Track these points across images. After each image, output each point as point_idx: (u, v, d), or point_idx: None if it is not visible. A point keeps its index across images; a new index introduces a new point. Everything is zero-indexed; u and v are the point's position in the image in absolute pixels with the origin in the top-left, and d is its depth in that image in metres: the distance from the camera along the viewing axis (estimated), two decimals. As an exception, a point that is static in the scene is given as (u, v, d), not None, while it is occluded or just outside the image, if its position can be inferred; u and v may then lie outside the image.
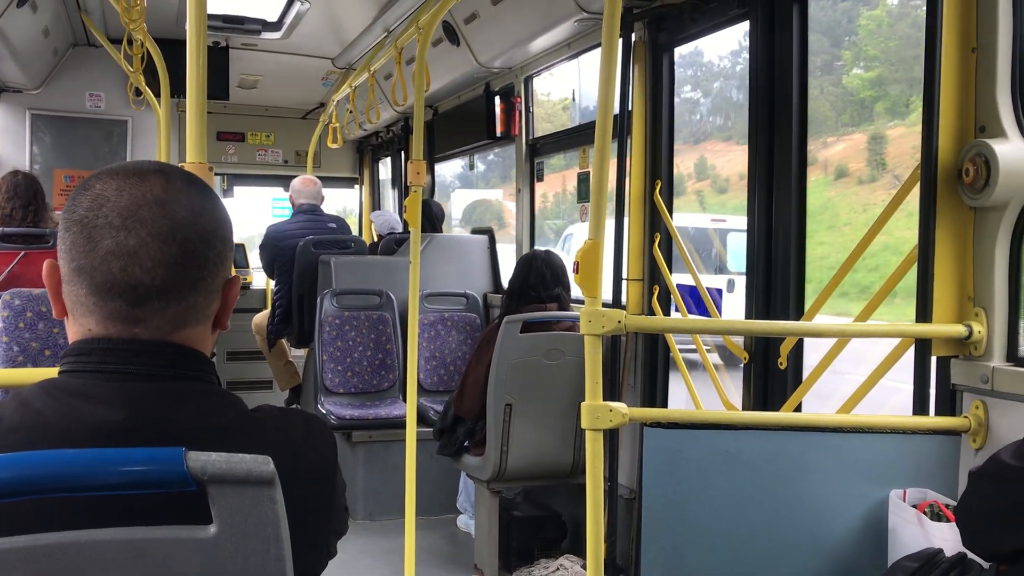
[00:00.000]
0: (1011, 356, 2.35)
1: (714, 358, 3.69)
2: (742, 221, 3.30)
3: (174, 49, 4.38)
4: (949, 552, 2.00)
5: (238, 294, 1.25)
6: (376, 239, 7.00)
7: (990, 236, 2.34)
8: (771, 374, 3.25)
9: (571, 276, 2.23)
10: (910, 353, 2.60)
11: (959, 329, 2.37)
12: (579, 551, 4.28)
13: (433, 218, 6.20)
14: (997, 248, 2.33)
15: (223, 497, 1.04)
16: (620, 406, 2.15)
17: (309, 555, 1.20)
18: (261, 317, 6.86)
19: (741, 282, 4.03)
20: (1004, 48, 2.31)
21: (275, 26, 6.40)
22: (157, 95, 5.17)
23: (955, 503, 2.16)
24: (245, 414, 1.18)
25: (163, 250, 1.13)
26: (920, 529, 2.17)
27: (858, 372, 2.77)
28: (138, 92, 5.80)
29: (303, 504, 1.17)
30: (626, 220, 4.03)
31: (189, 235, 1.15)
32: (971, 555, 1.92)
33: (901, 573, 1.97)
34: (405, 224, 6.76)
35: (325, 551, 1.26)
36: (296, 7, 5.83)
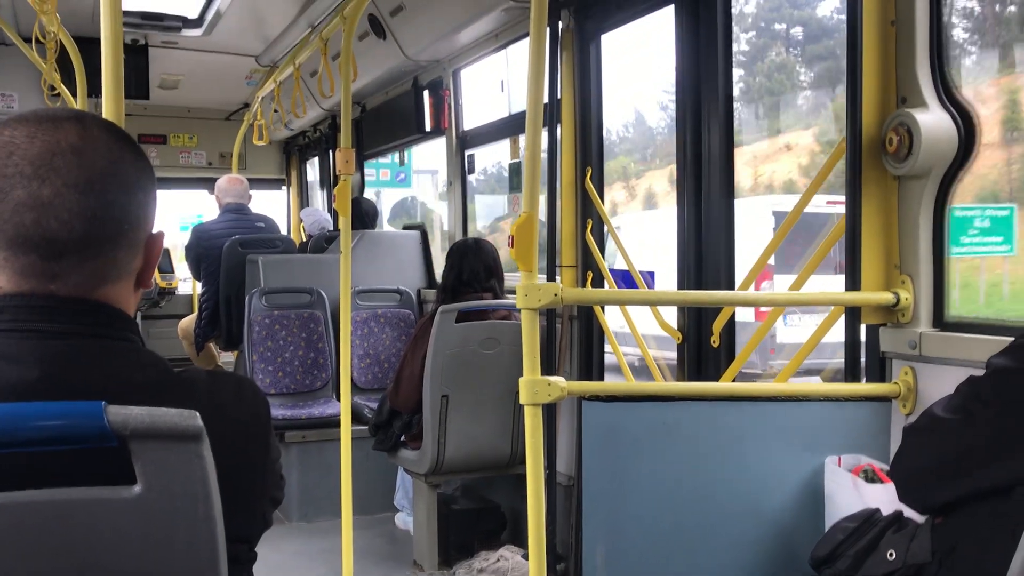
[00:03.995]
0: (937, 321, 2.39)
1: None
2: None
3: (92, 48, 4.22)
4: (885, 512, 2.03)
5: (161, 250, 1.20)
6: (306, 239, 6.89)
7: (914, 204, 2.38)
8: (704, 353, 3.28)
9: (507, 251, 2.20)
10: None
11: (887, 296, 2.41)
12: (519, 542, 4.25)
13: (364, 216, 6.13)
14: (921, 216, 2.37)
15: (147, 454, 0.99)
16: (559, 380, 2.12)
17: (242, 520, 1.15)
18: (187, 321, 6.69)
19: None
20: (922, 20, 2.36)
21: (195, 23, 6.24)
22: (74, 94, 5.00)
23: (888, 467, 2.20)
24: (170, 373, 1.13)
25: (81, 202, 1.07)
26: (856, 492, 2.19)
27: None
28: (53, 90, 5.60)
29: (235, 465, 1.12)
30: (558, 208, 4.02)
31: (109, 186, 1.10)
32: (907, 512, 1.95)
33: (841, 534, 1.99)
34: (336, 222, 6.69)
35: (260, 518, 1.21)
36: (216, 3, 5.70)
